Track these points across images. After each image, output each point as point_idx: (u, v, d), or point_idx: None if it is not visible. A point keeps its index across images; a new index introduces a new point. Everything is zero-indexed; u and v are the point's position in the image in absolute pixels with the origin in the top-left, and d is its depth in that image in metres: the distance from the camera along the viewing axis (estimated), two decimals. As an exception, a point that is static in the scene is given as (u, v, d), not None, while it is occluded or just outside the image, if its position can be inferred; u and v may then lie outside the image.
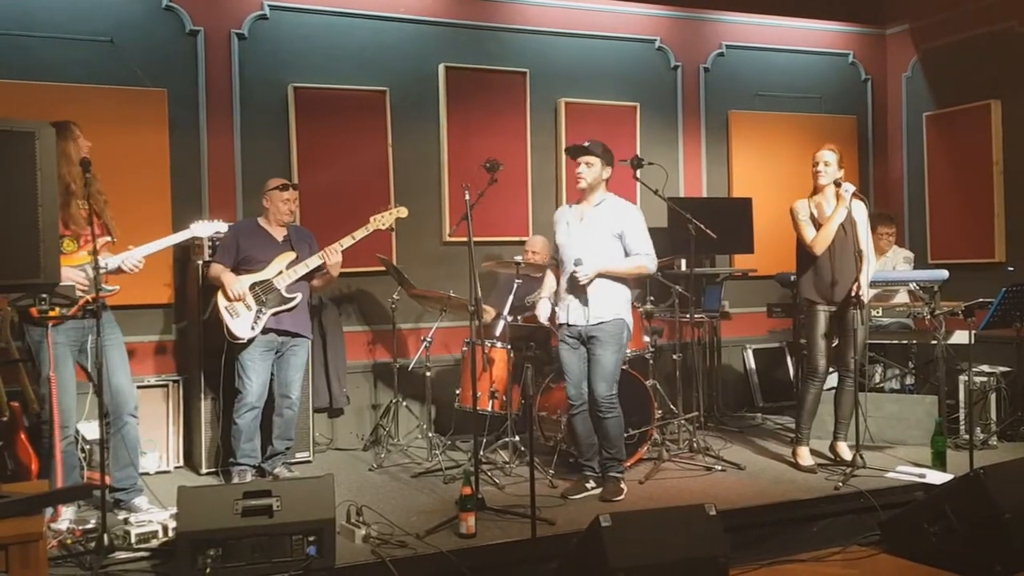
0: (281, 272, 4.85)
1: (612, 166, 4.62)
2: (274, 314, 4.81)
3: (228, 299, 4.75)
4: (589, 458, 4.67)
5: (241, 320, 4.75)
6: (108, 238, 4.26)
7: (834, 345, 5.14)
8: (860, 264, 4.89)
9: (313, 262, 4.88)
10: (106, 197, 4.26)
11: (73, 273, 4.05)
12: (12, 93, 5.07)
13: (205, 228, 4.60)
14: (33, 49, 5.24)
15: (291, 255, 4.90)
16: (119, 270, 4.26)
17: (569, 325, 4.59)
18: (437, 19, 6.28)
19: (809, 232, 4.97)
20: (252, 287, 4.79)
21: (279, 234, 4.97)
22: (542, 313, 4.77)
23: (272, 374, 4.92)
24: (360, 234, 4.95)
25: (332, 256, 4.88)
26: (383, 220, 5.04)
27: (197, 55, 5.65)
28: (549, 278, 4.87)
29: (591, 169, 4.55)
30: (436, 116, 6.27)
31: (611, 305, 4.54)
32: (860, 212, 5.01)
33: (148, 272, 4.61)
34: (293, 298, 4.85)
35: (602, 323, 4.52)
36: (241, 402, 4.80)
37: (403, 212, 5.14)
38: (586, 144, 4.56)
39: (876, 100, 7.76)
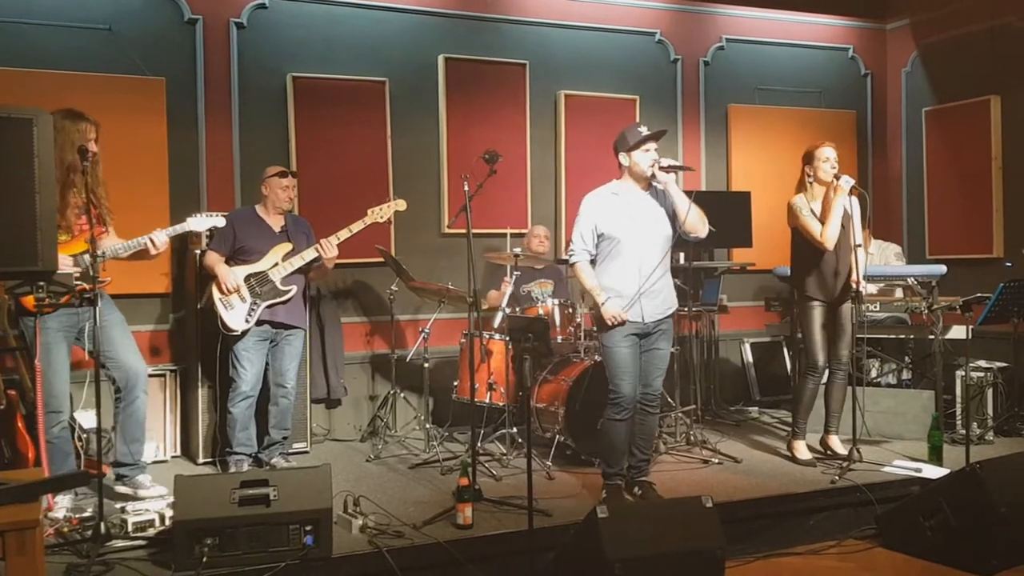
0: (277, 264, 4.82)
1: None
2: (268, 306, 4.79)
3: (223, 292, 4.73)
4: (622, 465, 4.40)
5: (235, 312, 4.73)
6: (99, 227, 4.26)
7: None
8: (857, 258, 4.91)
9: (309, 255, 4.85)
10: (103, 189, 4.26)
11: (67, 262, 4.05)
12: (8, 80, 5.05)
13: (202, 223, 4.49)
14: (30, 36, 5.22)
15: (287, 246, 4.88)
16: (139, 254, 4.29)
17: (644, 323, 4.24)
18: (437, 10, 6.26)
19: (816, 227, 4.93)
20: (247, 279, 4.77)
21: (276, 224, 4.94)
22: (617, 311, 4.20)
23: (267, 364, 4.91)
24: (357, 227, 4.92)
25: (329, 250, 4.84)
26: (381, 213, 5.00)
27: (196, 44, 5.63)
28: (590, 275, 4.33)
29: None
30: (435, 107, 6.25)
31: (673, 294, 4.41)
32: (855, 206, 5.01)
33: (145, 261, 4.61)
34: (288, 290, 4.83)
35: (669, 315, 4.36)
36: (235, 391, 4.78)
37: (401, 205, 5.11)
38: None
39: (876, 95, 7.75)
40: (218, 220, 4.51)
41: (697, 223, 4.26)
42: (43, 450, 3.95)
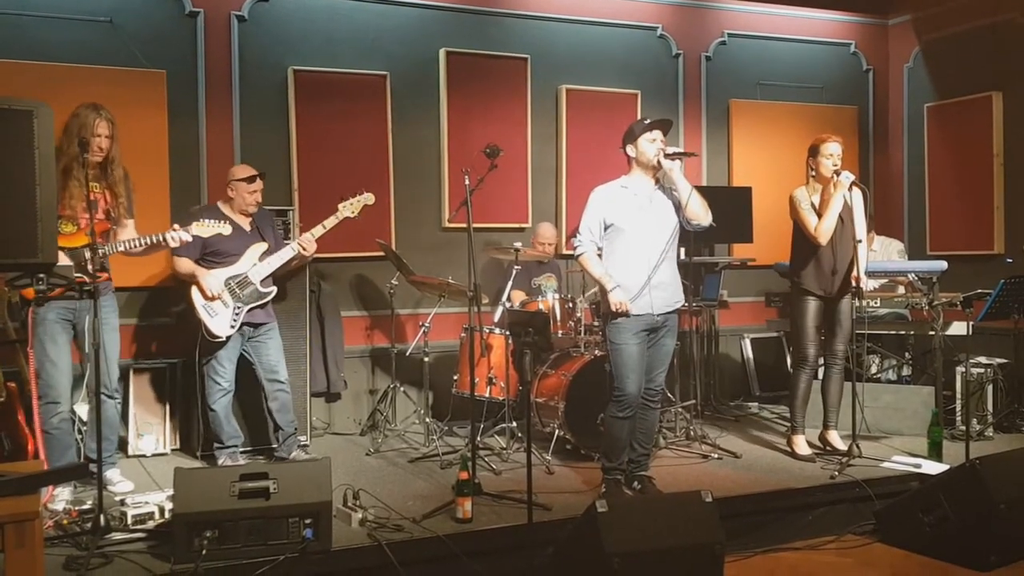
0: (255, 265, 4.76)
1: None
2: (250, 309, 4.74)
3: (206, 298, 4.65)
4: (622, 460, 4.40)
5: (220, 318, 4.66)
6: (110, 224, 4.28)
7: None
8: (857, 253, 4.93)
9: (286, 254, 4.81)
10: (121, 187, 4.32)
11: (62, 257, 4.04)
12: (9, 73, 5.05)
13: (207, 230, 4.42)
14: (31, 28, 5.21)
15: (263, 245, 4.81)
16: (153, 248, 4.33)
17: (653, 315, 4.23)
18: (438, 3, 6.24)
19: (812, 220, 4.94)
20: (227, 282, 4.70)
21: (245, 222, 4.83)
22: (622, 298, 4.19)
23: (253, 364, 4.87)
24: (331, 223, 4.88)
25: (308, 247, 4.82)
26: (351, 208, 4.93)
27: (197, 37, 5.62)
28: (597, 264, 4.32)
29: None
30: (436, 101, 6.24)
31: (680, 288, 4.40)
32: (857, 200, 5.01)
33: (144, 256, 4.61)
34: (269, 292, 4.79)
35: (676, 309, 4.35)
36: (214, 387, 4.73)
37: (370, 199, 5.01)
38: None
39: (877, 91, 7.74)
40: (224, 228, 4.46)
41: (699, 210, 4.25)
42: (39, 441, 3.96)
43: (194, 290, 4.68)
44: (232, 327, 4.69)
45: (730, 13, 7.20)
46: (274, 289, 4.83)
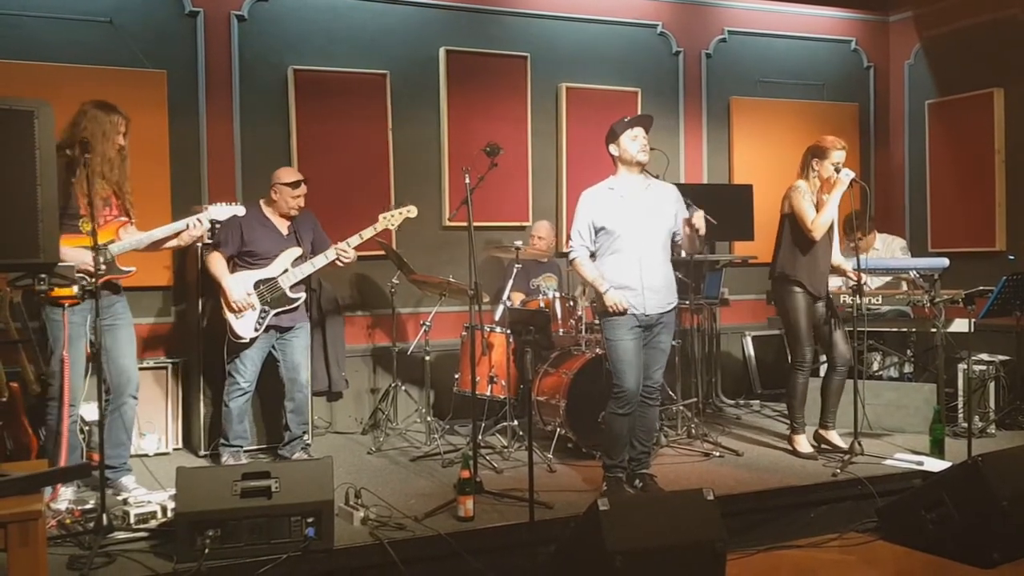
0: (287, 270, 4.77)
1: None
2: (277, 314, 4.76)
3: (231, 310, 4.67)
4: (623, 458, 4.39)
5: (245, 320, 4.68)
6: (123, 218, 4.26)
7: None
8: (858, 252, 4.97)
9: (319, 262, 4.81)
10: (129, 184, 4.28)
11: (84, 255, 4.02)
12: (9, 73, 5.05)
13: (223, 211, 4.38)
14: (31, 29, 5.22)
15: (297, 251, 4.82)
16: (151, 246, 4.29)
17: (646, 314, 4.24)
18: (438, 2, 6.25)
19: (811, 213, 4.94)
20: (257, 284, 4.71)
21: (283, 225, 4.87)
22: (619, 298, 4.22)
23: (278, 360, 4.89)
24: (368, 233, 4.89)
25: (347, 255, 4.82)
26: (393, 220, 4.96)
27: (197, 37, 5.63)
28: (590, 268, 4.35)
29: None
30: (436, 100, 6.24)
31: (674, 288, 4.41)
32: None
33: (148, 254, 4.60)
34: (298, 298, 4.80)
35: (671, 308, 4.36)
36: (233, 386, 4.76)
37: (413, 212, 5.04)
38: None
39: (878, 88, 7.74)
40: (238, 209, 4.43)
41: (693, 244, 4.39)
42: (64, 442, 3.96)
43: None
44: (256, 330, 4.71)
45: (730, 10, 7.19)
46: (303, 295, 4.83)
